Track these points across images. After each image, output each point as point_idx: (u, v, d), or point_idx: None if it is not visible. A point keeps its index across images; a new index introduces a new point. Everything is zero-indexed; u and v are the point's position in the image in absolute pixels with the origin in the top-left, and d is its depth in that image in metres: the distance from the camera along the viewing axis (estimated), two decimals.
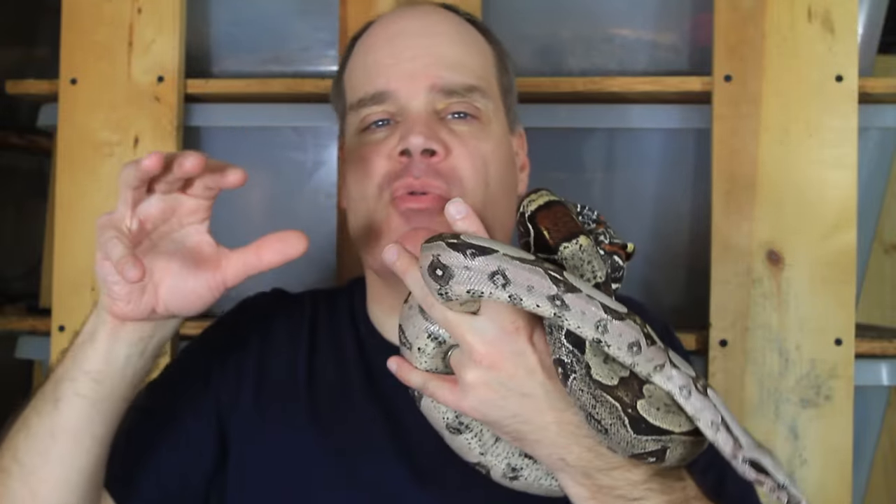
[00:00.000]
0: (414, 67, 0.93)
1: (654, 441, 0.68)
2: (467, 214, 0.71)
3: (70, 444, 0.79)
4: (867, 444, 1.40)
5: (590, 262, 0.71)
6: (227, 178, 0.75)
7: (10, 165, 2.33)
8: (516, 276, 0.66)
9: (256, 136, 1.48)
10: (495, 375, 0.70)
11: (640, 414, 0.68)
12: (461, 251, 0.67)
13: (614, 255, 0.76)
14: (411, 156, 0.90)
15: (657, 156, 1.42)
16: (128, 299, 0.76)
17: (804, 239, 1.29)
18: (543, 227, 0.73)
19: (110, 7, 1.41)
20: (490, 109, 0.96)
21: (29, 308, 1.72)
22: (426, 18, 0.99)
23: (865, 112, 1.31)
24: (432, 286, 0.68)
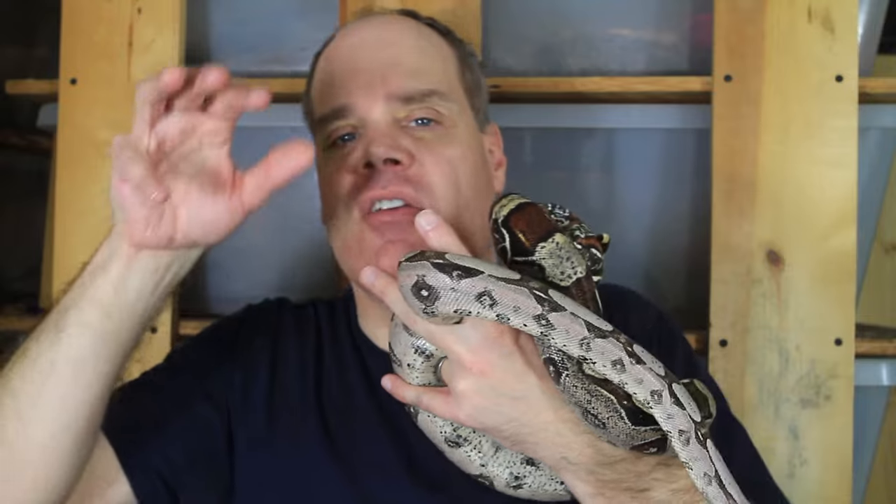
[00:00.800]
0: (370, 79, 0.93)
1: (654, 430, 0.68)
2: (438, 224, 0.70)
3: (69, 376, 0.73)
4: (867, 444, 1.40)
5: (568, 258, 0.71)
6: (250, 99, 0.75)
7: (10, 165, 2.33)
8: (503, 296, 0.66)
9: (256, 135, 1.48)
10: (486, 382, 0.70)
11: (636, 405, 0.68)
12: (447, 273, 0.66)
13: (591, 248, 0.76)
14: (375, 167, 0.90)
15: (657, 156, 1.42)
16: (146, 223, 0.72)
17: (804, 239, 1.29)
18: (518, 230, 0.73)
19: (110, 7, 1.41)
20: (454, 112, 0.96)
21: (29, 308, 1.72)
22: (382, 28, 1.00)
23: (865, 112, 1.31)
24: (416, 305, 0.68)
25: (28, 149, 2.27)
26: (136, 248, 0.74)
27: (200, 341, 1.03)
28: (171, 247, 0.75)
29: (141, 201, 0.71)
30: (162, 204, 0.71)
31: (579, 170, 1.44)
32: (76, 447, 0.76)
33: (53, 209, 1.45)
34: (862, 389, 1.31)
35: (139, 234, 0.73)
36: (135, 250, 0.74)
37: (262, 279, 1.47)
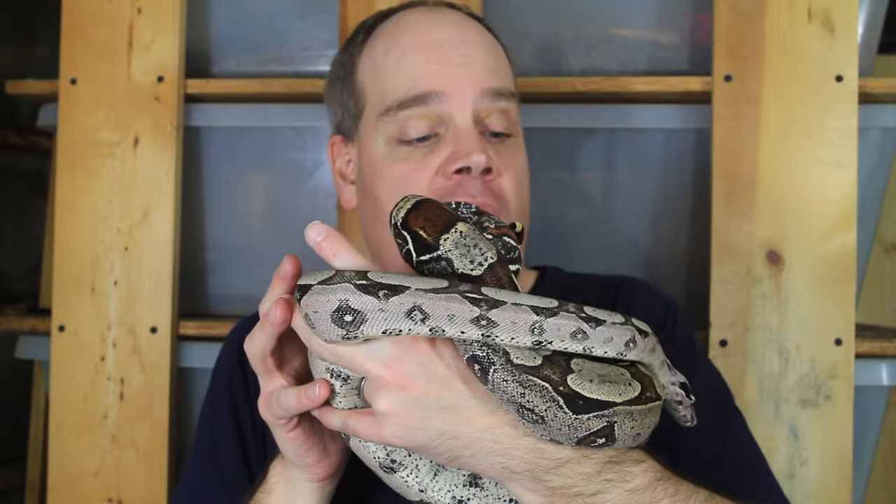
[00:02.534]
0: (462, 73, 0.92)
1: (597, 418, 0.63)
2: (328, 234, 0.66)
3: None
4: (867, 444, 1.40)
5: (476, 245, 0.66)
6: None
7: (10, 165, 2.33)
8: (434, 308, 0.62)
9: (256, 136, 1.48)
10: (407, 396, 0.64)
11: (573, 389, 0.63)
12: (372, 293, 0.62)
13: (504, 237, 0.70)
14: (467, 173, 0.89)
15: (657, 156, 1.42)
16: (326, 455, 0.76)
17: (804, 239, 1.29)
18: (418, 227, 0.68)
19: (110, 7, 1.41)
20: (518, 118, 0.97)
21: (29, 308, 1.73)
22: (460, 24, 0.98)
23: (865, 112, 1.31)
24: (333, 332, 0.63)
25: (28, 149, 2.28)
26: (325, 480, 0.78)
27: (208, 424, 1.02)
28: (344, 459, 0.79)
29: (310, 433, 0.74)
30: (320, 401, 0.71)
31: (579, 170, 1.44)
32: None
33: (53, 209, 1.45)
34: (862, 389, 1.31)
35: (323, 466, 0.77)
36: (325, 482, 0.79)
37: (262, 279, 1.47)
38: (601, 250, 1.43)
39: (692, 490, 0.71)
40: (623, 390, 0.64)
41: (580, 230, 1.44)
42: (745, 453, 0.91)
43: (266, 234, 1.50)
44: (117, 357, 1.38)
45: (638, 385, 0.65)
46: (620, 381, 0.64)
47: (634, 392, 0.64)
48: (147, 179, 1.40)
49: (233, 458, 0.96)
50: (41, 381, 1.93)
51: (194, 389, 1.44)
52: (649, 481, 0.68)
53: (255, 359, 0.72)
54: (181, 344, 1.40)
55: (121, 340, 1.38)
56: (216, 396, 1.01)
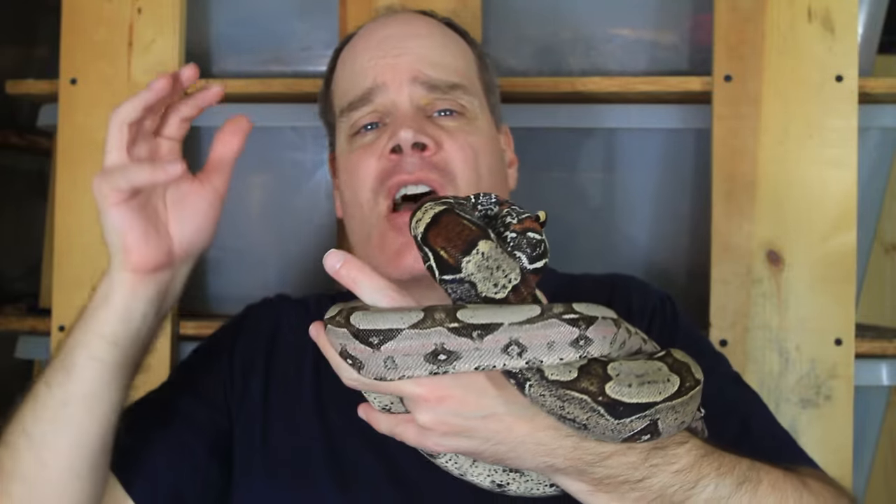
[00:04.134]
0: (397, 62, 0.96)
1: (640, 419, 0.64)
2: (346, 260, 0.66)
3: (83, 411, 0.77)
4: (867, 444, 1.40)
5: (498, 266, 0.65)
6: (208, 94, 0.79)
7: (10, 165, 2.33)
8: (532, 339, 0.63)
9: (256, 136, 1.48)
10: (446, 409, 0.65)
11: (613, 398, 0.63)
12: (466, 335, 0.62)
13: (528, 233, 0.69)
14: (402, 152, 0.91)
15: (657, 156, 1.42)
16: (144, 240, 0.76)
17: (804, 239, 1.29)
18: (439, 246, 0.66)
19: (110, 7, 1.41)
20: (475, 106, 0.98)
21: (29, 308, 1.72)
22: (407, 23, 1.02)
23: (865, 112, 1.31)
24: (423, 369, 0.64)
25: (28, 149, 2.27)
26: (138, 273, 0.77)
27: (200, 352, 1.03)
28: (170, 261, 0.78)
29: (137, 215, 0.75)
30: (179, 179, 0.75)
31: (579, 170, 1.44)
32: (93, 474, 0.80)
33: (53, 209, 1.45)
34: (862, 389, 1.31)
35: (139, 254, 0.76)
36: (137, 276, 0.77)
37: (262, 279, 1.47)
38: (601, 250, 1.43)
39: (735, 461, 0.72)
40: (662, 388, 0.64)
41: (580, 230, 1.44)
42: (768, 424, 0.93)
43: (266, 235, 1.50)
44: None
45: (677, 378, 0.65)
46: (659, 379, 0.65)
47: (674, 386, 0.65)
48: None
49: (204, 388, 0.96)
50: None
51: None
52: (694, 459, 0.69)
53: (114, 126, 0.76)
54: (181, 344, 1.40)
55: None
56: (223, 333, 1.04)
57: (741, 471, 0.72)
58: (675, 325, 1.00)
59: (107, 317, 0.77)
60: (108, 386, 0.78)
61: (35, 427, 0.78)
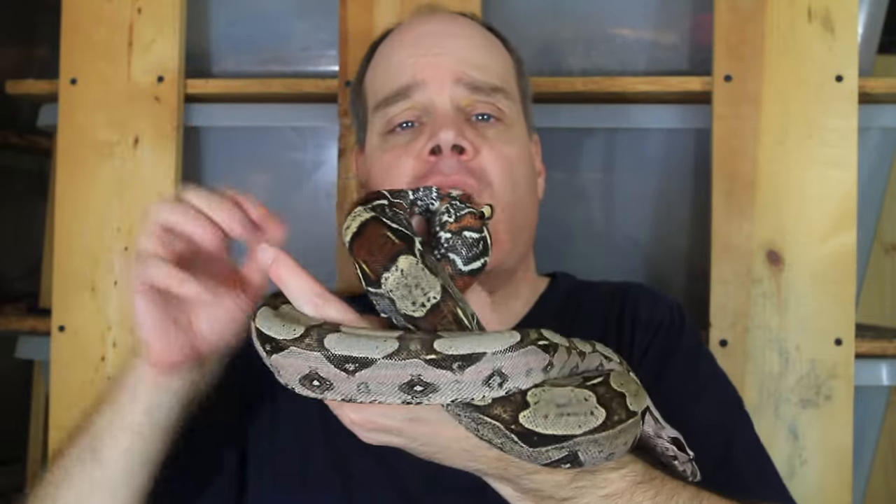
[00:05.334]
0: (439, 61, 0.93)
1: (557, 449, 0.61)
2: (277, 257, 0.64)
3: (108, 496, 0.78)
4: (867, 444, 1.40)
5: (417, 285, 0.61)
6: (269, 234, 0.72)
7: (10, 165, 2.33)
8: (514, 367, 0.60)
9: (256, 136, 1.48)
10: (374, 409, 0.63)
11: (526, 428, 0.60)
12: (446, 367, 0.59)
13: (464, 232, 0.67)
14: (440, 154, 0.89)
15: (657, 156, 1.42)
16: (165, 337, 0.72)
17: (804, 239, 1.29)
18: (361, 259, 0.63)
19: (110, 7, 1.41)
20: (513, 112, 0.97)
21: (29, 308, 1.73)
22: (450, 22, 1.00)
23: (865, 112, 1.31)
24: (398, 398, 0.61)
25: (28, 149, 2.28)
26: (158, 368, 0.74)
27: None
28: (192, 359, 0.75)
29: (159, 308, 0.71)
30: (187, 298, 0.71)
31: (579, 170, 1.44)
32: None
33: (53, 209, 1.45)
34: (862, 389, 1.31)
35: (157, 349, 0.73)
36: (158, 370, 0.75)
37: None
38: (601, 250, 1.43)
39: (675, 491, 0.70)
40: (584, 421, 0.61)
41: (580, 230, 1.44)
42: (750, 454, 0.91)
43: None
44: (117, 357, 1.38)
45: (602, 412, 0.61)
46: (581, 411, 0.61)
47: (598, 420, 0.61)
48: (147, 179, 1.40)
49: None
50: (41, 381, 1.93)
51: None
52: (627, 486, 0.67)
53: (150, 219, 0.71)
54: None
55: (121, 340, 1.38)
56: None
57: (680, 501, 0.69)
58: (677, 341, 0.97)
59: (132, 409, 0.77)
60: (132, 474, 0.77)
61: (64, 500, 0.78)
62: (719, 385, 0.98)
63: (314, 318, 0.62)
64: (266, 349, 0.61)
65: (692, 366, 0.93)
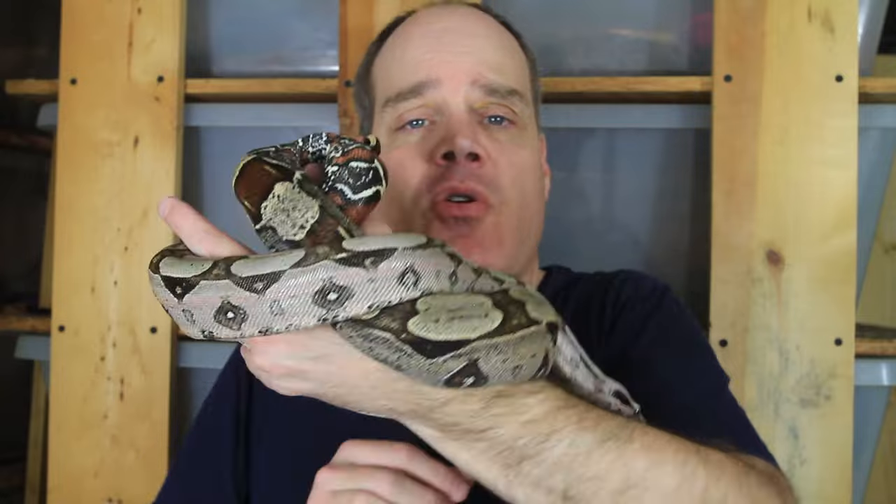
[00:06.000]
0: (457, 62, 0.92)
1: (454, 358, 0.57)
2: (173, 206, 0.62)
3: None
4: (867, 444, 1.40)
5: (294, 207, 0.60)
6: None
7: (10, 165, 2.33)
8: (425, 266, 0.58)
9: (256, 136, 1.48)
10: (277, 351, 0.61)
11: (417, 335, 0.57)
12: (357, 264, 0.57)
13: (351, 163, 0.65)
14: (454, 159, 0.88)
15: (657, 156, 1.42)
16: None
17: (804, 239, 1.29)
18: (243, 198, 0.62)
19: (110, 7, 1.41)
20: (526, 115, 0.96)
21: (29, 308, 1.73)
22: (468, 18, 0.98)
23: (865, 112, 1.31)
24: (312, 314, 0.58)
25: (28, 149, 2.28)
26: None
27: (211, 403, 1.01)
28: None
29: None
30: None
31: (579, 170, 1.44)
32: None
33: (53, 209, 1.45)
34: (862, 389, 1.31)
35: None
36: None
37: None
38: (601, 250, 1.43)
39: (602, 416, 0.66)
40: (478, 324, 0.58)
41: (580, 230, 1.44)
42: (718, 409, 0.86)
43: None
44: (117, 357, 1.38)
45: (499, 314, 0.59)
46: (476, 314, 0.58)
47: (493, 323, 0.58)
48: (147, 179, 1.40)
49: (213, 467, 0.94)
50: (41, 381, 1.93)
51: (194, 389, 1.44)
52: (548, 410, 0.63)
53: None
54: (181, 344, 1.40)
55: (121, 340, 1.38)
56: (219, 396, 1.00)
57: (608, 427, 0.65)
58: (652, 316, 0.93)
59: None
60: None
61: None
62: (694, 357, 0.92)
63: (220, 257, 0.61)
64: (177, 293, 0.59)
65: (660, 339, 0.90)
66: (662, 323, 0.92)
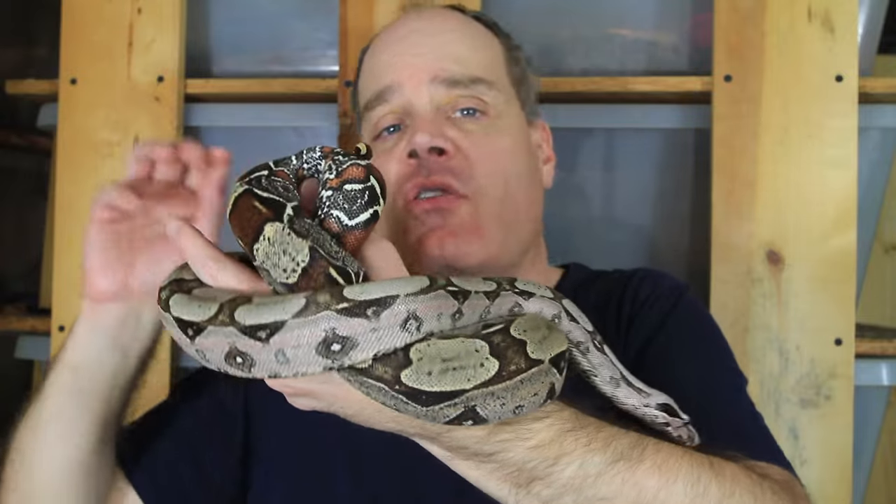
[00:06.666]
0: (416, 62, 0.94)
1: (451, 406, 0.57)
2: (181, 228, 0.62)
3: (52, 434, 0.82)
4: (867, 444, 1.40)
5: (285, 251, 0.58)
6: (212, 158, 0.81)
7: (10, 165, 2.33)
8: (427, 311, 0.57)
9: (256, 136, 1.48)
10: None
11: (411, 387, 0.56)
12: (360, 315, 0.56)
13: (345, 185, 0.63)
14: (419, 157, 0.89)
15: (657, 156, 1.42)
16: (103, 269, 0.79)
17: (804, 239, 1.29)
18: (237, 236, 0.61)
19: (110, 7, 1.41)
20: (500, 102, 0.96)
21: (29, 308, 1.72)
22: (431, 19, 1.00)
23: (865, 112, 1.31)
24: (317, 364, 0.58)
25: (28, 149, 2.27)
26: (94, 301, 0.80)
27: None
28: (123, 294, 0.80)
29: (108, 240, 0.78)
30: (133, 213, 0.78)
31: (579, 170, 1.44)
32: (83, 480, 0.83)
33: (53, 209, 1.45)
34: (862, 389, 1.31)
35: (93, 280, 0.79)
36: (93, 304, 0.80)
37: None
38: (601, 250, 1.43)
39: (613, 436, 0.66)
40: (473, 374, 0.57)
41: (580, 230, 1.44)
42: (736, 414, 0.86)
43: None
44: None
45: (495, 363, 0.58)
46: (470, 364, 0.57)
47: (489, 373, 0.57)
48: None
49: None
50: (41, 381, 1.93)
51: None
52: (555, 435, 0.64)
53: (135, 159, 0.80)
54: None
55: None
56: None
57: (618, 447, 0.65)
58: (669, 314, 0.93)
59: (69, 345, 0.82)
60: (70, 412, 0.81)
61: (23, 443, 0.83)
62: (714, 356, 0.93)
63: (226, 293, 0.60)
64: (189, 334, 0.60)
65: (678, 337, 0.90)
66: (681, 322, 0.92)
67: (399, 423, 0.63)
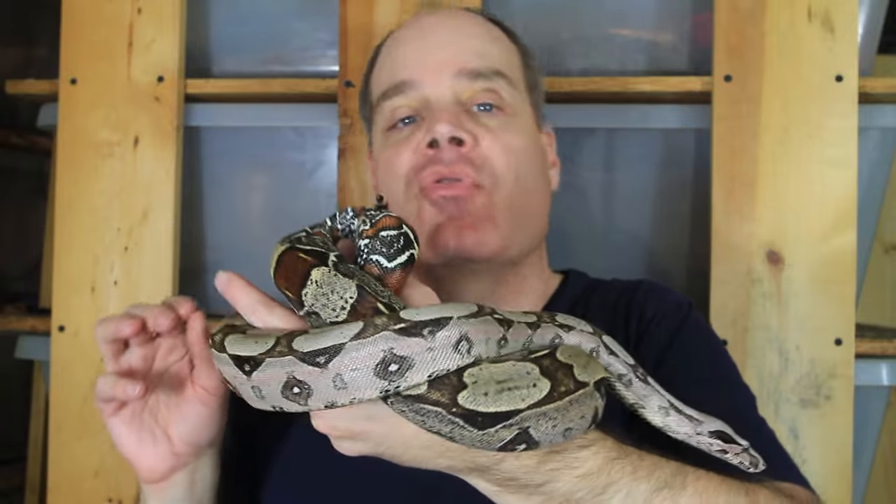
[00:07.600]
0: (439, 58, 0.94)
1: (505, 428, 0.59)
2: (230, 279, 0.65)
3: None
4: (867, 444, 1.40)
5: (332, 290, 0.61)
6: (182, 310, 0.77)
7: (10, 165, 2.33)
8: (476, 334, 0.59)
9: (256, 136, 1.48)
10: (334, 414, 0.63)
11: (467, 409, 0.58)
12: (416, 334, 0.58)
13: (381, 233, 0.67)
14: (438, 146, 0.89)
15: (657, 156, 1.42)
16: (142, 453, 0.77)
17: (804, 239, 1.29)
18: (283, 288, 0.64)
19: (110, 7, 1.41)
20: (517, 101, 0.96)
21: (29, 308, 1.73)
22: (452, 17, 1.01)
23: (865, 112, 1.31)
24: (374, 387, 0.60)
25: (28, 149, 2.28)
26: (151, 483, 0.79)
27: None
28: (176, 464, 0.79)
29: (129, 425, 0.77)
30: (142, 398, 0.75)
31: (579, 170, 1.44)
32: None
33: (53, 209, 1.45)
34: (862, 389, 1.31)
35: (141, 465, 0.78)
36: (153, 486, 0.79)
37: (262, 280, 1.47)
38: (601, 250, 1.43)
39: (656, 465, 0.68)
40: (527, 394, 0.59)
41: (580, 230, 1.44)
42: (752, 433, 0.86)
43: (266, 235, 1.50)
44: None
45: (547, 382, 0.60)
46: (523, 384, 0.60)
47: (542, 392, 0.60)
48: (147, 179, 1.40)
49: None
50: (41, 381, 1.93)
51: None
52: (602, 463, 0.65)
53: (99, 339, 0.77)
54: None
55: None
56: None
57: (662, 476, 0.67)
58: (676, 333, 0.94)
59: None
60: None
61: None
62: (723, 374, 0.94)
63: (280, 331, 0.62)
64: (245, 370, 0.61)
65: (687, 357, 0.91)
66: (689, 342, 0.93)
67: (449, 458, 0.64)
